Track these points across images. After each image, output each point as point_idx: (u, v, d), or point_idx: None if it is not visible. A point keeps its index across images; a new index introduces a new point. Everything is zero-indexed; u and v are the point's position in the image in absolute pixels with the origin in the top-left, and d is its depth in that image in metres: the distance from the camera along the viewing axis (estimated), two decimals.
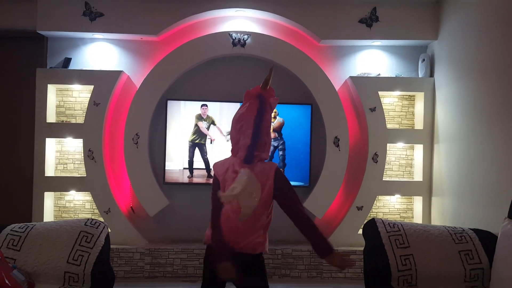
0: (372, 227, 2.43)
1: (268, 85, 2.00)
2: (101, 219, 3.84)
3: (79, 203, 3.97)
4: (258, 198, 1.87)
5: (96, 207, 3.85)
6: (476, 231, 2.41)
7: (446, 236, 2.36)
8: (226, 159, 2.03)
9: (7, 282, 1.90)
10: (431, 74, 3.97)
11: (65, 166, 3.98)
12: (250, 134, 1.92)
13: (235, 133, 1.98)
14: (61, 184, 3.80)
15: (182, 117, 3.92)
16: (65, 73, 3.80)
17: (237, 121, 1.98)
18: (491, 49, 3.02)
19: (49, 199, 3.85)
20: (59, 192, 3.93)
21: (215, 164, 2.04)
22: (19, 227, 2.26)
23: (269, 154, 2.06)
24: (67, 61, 3.88)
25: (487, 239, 2.32)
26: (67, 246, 2.20)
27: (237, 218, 1.88)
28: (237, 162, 1.94)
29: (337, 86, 4.01)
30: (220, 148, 3.84)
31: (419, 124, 4.01)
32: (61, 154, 3.98)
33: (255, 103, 1.94)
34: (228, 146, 2.09)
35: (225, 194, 1.85)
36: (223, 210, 1.90)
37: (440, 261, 2.27)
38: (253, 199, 1.86)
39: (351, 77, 3.92)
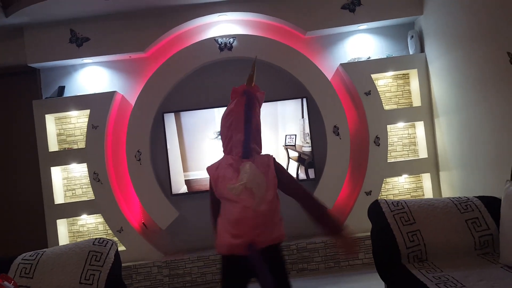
0: (376, 209, 2.44)
1: (253, 81, 2.00)
2: (116, 239, 3.90)
3: (92, 226, 4.03)
4: (264, 187, 1.86)
5: (108, 228, 3.90)
6: (481, 198, 2.39)
7: (451, 207, 2.35)
8: (218, 161, 2.00)
9: None
10: (422, 50, 3.94)
11: (73, 191, 4.05)
12: (242, 129, 1.90)
13: (226, 130, 1.96)
14: (72, 209, 3.87)
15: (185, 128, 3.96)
16: (61, 101, 3.87)
17: (227, 117, 1.96)
18: (477, 17, 2.99)
19: (62, 226, 3.92)
20: (72, 218, 3.99)
21: (208, 168, 2.01)
22: (30, 255, 2.32)
23: (261, 149, 2.04)
24: (61, 89, 3.96)
25: (493, 205, 2.30)
26: (78, 268, 2.25)
27: (251, 209, 1.83)
28: (235, 159, 1.91)
29: (329, 76, 4.01)
30: None
31: (416, 101, 3.98)
32: (68, 181, 4.05)
33: (242, 99, 1.93)
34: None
35: (234, 186, 1.84)
36: (235, 209, 1.85)
37: (448, 233, 2.26)
38: (261, 188, 1.85)
39: (341, 64, 3.92)
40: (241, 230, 1.85)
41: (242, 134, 1.91)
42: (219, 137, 2.07)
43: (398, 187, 4.09)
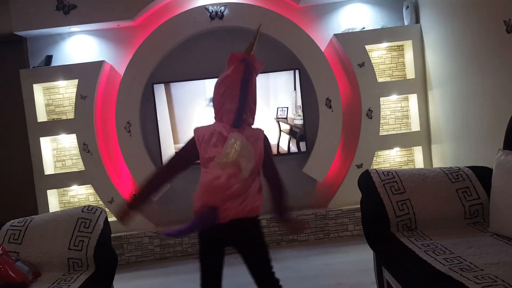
0: (366, 178, 2.42)
1: (253, 49, 1.91)
2: (107, 210, 3.90)
3: (82, 197, 4.03)
4: (253, 159, 1.81)
5: (99, 199, 3.89)
6: (473, 168, 2.38)
7: (442, 176, 2.34)
8: (209, 125, 1.91)
9: (11, 274, 1.94)
10: (417, 21, 3.86)
11: (63, 162, 4.02)
12: (237, 97, 1.82)
13: (219, 97, 1.87)
14: (62, 180, 3.84)
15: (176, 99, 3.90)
16: (48, 71, 3.79)
17: (221, 84, 1.87)
18: None
19: (52, 197, 3.91)
20: (62, 189, 3.97)
21: (197, 129, 1.90)
22: (19, 222, 2.32)
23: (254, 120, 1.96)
24: (49, 58, 3.87)
25: (484, 174, 2.29)
26: (67, 234, 2.25)
27: (236, 182, 1.78)
28: (225, 127, 1.84)
29: (322, 47, 3.94)
30: None
31: (410, 73, 3.94)
32: (58, 152, 4.02)
33: (240, 66, 1.84)
34: None
35: (222, 160, 1.78)
36: (213, 177, 1.78)
37: (438, 202, 2.25)
38: (250, 162, 1.80)
39: (335, 34, 3.84)
40: (215, 197, 1.78)
41: (236, 102, 1.83)
42: (211, 104, 1.99)
43: (390, 160, 4.10)
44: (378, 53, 4.03)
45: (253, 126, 1.94)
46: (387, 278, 2.26)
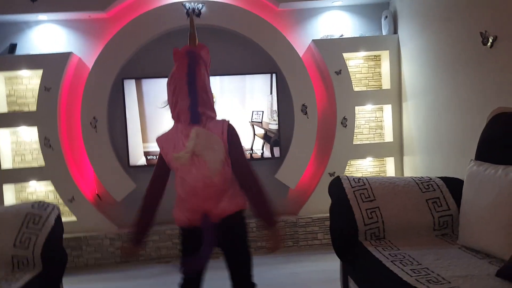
0: (337, 184, 2.37)
1: (196, 39, 1.85)
2: (66, 208, 3.70)
3: (42, 194, 3.81)
4: (221, 150, 1.72)
5: (59, 197, 3.69)
6: (444, 178, 2.35)
7: (412, 186, 2.30)
8: (169, 131, 1.85)
9: None
10: (395, 31, 3.87)
11: (22, 157, 3.80)
12: (186, 93, 1.75)
13: (171, 96, 1.80)
14: (20, 175, 3.63)
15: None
16: (11, 59, 3.59)
17: (170, 82, 1.80)
18: None
19: (9, 192, 3.68)
20: (20, 184, 3.76)
21: (158, 138, 1.85)
22: None
23: (215, 112, 1.87)
24: (13, 47, 3.67)
25: (455, 186, 2.26)
26: (13, 230, 2.09)
27: (209, 181, 1.70)
28: (184, 127, 1.77)
29: (300, 52, 3.89)
30: None
31: (386, 84, 3.93)
32: (17, 145, 3.80)
33: (184, 61, 1.77)
34: None
35: (179, 154, 1.71)
36: (187, 180, 1.72)
37: (407, 211, 2.21)
38: (217, 152, 1.72)
39: (314, 40, 3.80)
40: (194, 202, 1.74)
41: (187, 99, 1.75)
42: (167, 106, 1.89)
43: (362, 170, 4.06)
44: (355, 62, 4.01)
45: (218, 118, 1.84)
46: None
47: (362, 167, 4.07)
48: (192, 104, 1.75)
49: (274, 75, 3.84)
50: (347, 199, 2.25)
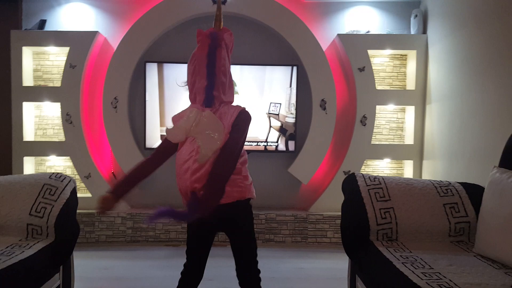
0: (351, 181, 2.30)
1: (221, 22, 1.83)
2: (83, 185, 3.79)
3: (60, 168, 3.91)
4: (220, 140, 1.68)
5: (76, 173, 3.78)
6: (464, 184, 2.25)
7: (430, 189, 2.22)
8: (184, 110, 1.82)
9: None
10: (424, 31, 3.75)
11: (44, 131, 3.90)
12: (204, 74, 1.73)
13: (190, 77, 1.79)
14: (40, 148, 3.73)
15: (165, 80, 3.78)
16: (40, 35, 3.67)
17: (190, 62, 1.78)
18: (485, 0, 2.80)
19: (29, 164, 3.79)
20: (40, 158, 3.86)
21: (174, 117, 1.83)
22: None
23: (233, 97, 1.84)
24: (42, 22, 3.75)
25: (475, 192, 2.17)
26: (30, 199, 2.14)
27: (195, 160, 1.65)
28: (198, 108, 1.75)
29: (324, 46, 3.83)
30: None
31: (410, 84, 3.82)
32: (40, 120, 3.90)
33: (206, 41, 1.75)
34: None
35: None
36: (179, 157, 1.72)
37: (423, 214, 2.13)
38: (215, 140, 1.68)
39: (339, 35, 3.72)
40: (181, 181, 1.69)
41: (204, 80, 1.73)
42: (186, 87, 1.89)
43: (378, 171, 3.98)
44: (380, 59, 3.92)
45: (234, 104, 1.81)
46: None
47: (379, 168, 3.98)
48: (208, 86, 1.73)
49: (295, 68, 3.80)
50: (361, 197, 2.19)
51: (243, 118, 1.73)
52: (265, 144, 3.83)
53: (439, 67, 3.52)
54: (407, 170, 3.89)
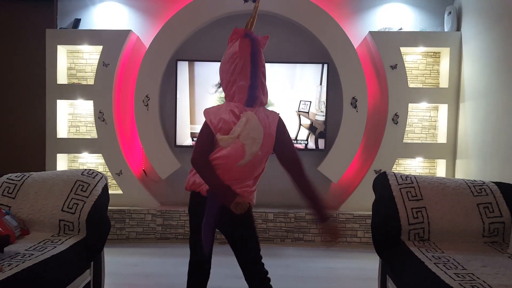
0: (382, 180, 2.29)
1: (253, 24, 1.81)
2: (114, 182, 3.85)
3: (92, 165, 3.98)
4: (260, 143, 1.70)
5: (108, 170, 3.84)
6: (498, 184, 2.22)
7: (463, 188, 2.19)
8: (220, 105, 1.81)
9: None
10: (458, 28, 3.66)
11: (77, 128, 3.98)
12: (248, 73, 1.72)
13: (229, 76, 1.77)
14: (73, 145, 3.81)
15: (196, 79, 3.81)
16: (74, 34, 3.75)
17: (229, 61, 1.77)
18: None
19: (62, 161, 3.88)
20: (73, 155, 3.95)
21: (206, 110, 1.80)
22: (16, 176, 2.26)
23: (267, 100, 1.85)
24: (77, 21, 3.84)
25: (510, 192, 2.13)
26: (62, 195, 2.18)
27: (236, 163, 1.69)
28: (237, 107, 1.74)
29: (355, 43, 3.78)
30: None
31: (444, 82, 3.73)
32: (73, 117, 3.99)
33: (246, 41, 1.74)
34: None
35: (224, 137, 1.69)
36: (220, 155, 1.71)
37: (456, 214, 2.11)
38: (256, 144, 1.69)
39: (370, 32, 3.67)
40: (233, 178, 1.72)
41: (247, 79, 1.73)
42: (220, 89, 1.88)
43: (410, 170, 3.90)
44: (412, 57, 3.84)
45: (268, 108, 1.83)
46: None
47: (411, 167, 3.91)
48: (252, 86, 1.73)
49: (325, 66, 3.76)
50: (392, 196, 2.18)
51: (285, 128, 1.80)
52: (295, 142, 3.81)
53: (473, 64, 3.43)
54: (440, 170, 3.81)
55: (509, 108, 2.85)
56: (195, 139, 3.82)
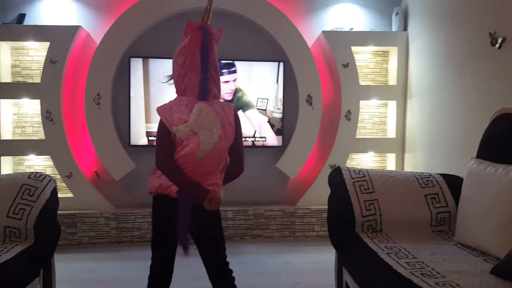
0: (337, 175, 2.36)
1: (209, 18, 1.82)
2: (63, 184, 3.69)
3: (39, 168, 3.79)
4: (218, 134, 1.71)
5: (57, 172, 3.67)
6: (444, 175, 2.35)
7: (412, 180, 2.30)
8: (171, 102, 1.79)
9: None
10: (405, 28, 3.84)
11: (23, 129, 3.77)
12: (198, 67, 1.73)
13: (179, 69, 1.76)
14: (19, 147, 3.60)
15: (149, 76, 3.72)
16: (19, 29, 3.55)
17: (180, 54, 1.76)
18: None
19: (7, 164, 3.66)
20: (18, 157, 3.73)
21: (159, 108, 1.78)
22: None
23: (220, 93, 1.86)
24: (22, 17, 3.63)
25: (455, 183, 2.26)
26: (7, 200, 2.06)
27: (199, 158, 1.69)
28: (190, 100, 1.73)
29: (310, 42, 3.86)
30: None
31: (392, 80, 3.91)
32: (19, 117, 3.77)
33: (198, 34, 1.74)
34: None
35: (180, 127, 1.67)
36: (183, 153, 1.69)
37: (406, 205, 2.20)
38: (213, 135, 1.69)
39: (323, 31, 3.77)
40: (195, 173, 1.72)
41: (198, 73, 1.73)
42: (171, 80, 1.87)
43: (363, 164, 4.05)
44: (363, 56, 3.98)
45: (221, 100, 1.85)
46: (347, 280, 2.19)
47: (363, 162, 4.05)
48: (203, 79, 1.73)
49: (281, 64, 3.81)
50: (346, 190, 2.25)
51: (239, 121, 1.85)
52: (253, 139, 3.83)
53: (419, 63, 3.62)
54: (390, 163, 3.98)
55: (452, 104, 3.04)
56: (150, 138, 3.75)
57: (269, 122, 3.85)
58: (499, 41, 2.48)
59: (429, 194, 2.24)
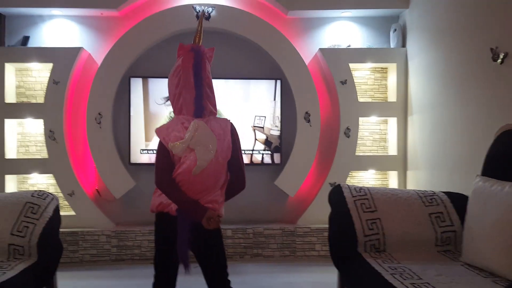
0: (337, 193, 2.30)
1: (201, 38, 1.89)
2: (66, 202, 3.72)
3: (42, 186, 3.83)
4: (214, 150, 1.73)
5: (60, 190, 3.71)
6: (448, 193, 2.27)
7: (415, 199, 2.23)
8: (170, 122, 1.85)
9: None
10: (403, 45, 3.85)
11: (27, 148, 3.84)
12: (192, 85, 1.77)
13: (175, 89, 1.82)
14: (23, 166, 3.67)
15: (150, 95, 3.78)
16: (23, 51, 3.66)
17: (174, 74, 1.83)
18: (462, 12, 2.91)
19: (11, 183, 3.71)
20: (22, 176, 3.79)
21: (157, 129, 1.83)
22: None
23: (216, 109, 1.90)
24: (26, 39, 3.74)
25: (459, 201, 2.19)
26: (11, 217, 2.10)
27: (196, 175, 1.71)
28: (187, 119, 1.77)
29: (307, 60, 3.89)
30: None
31: (392, 96, 3.90)
32: (23, 137, 3.84)
33: (190, 55, 1.81)
34: None
35: (176, 144, 1.70)
36: (181, 170, 1.72)
37: (409, 224, 2.13)
38: (209, 152, 1.72)
39: (320, 49, 3.80)
40: (192, 191, 1.74)
41: (192, 91, 1.78)
42: (167, 102, 1.91)
43: (364, 182, 4.02)
44: (361, 73, 4.00)
45: (218, 116, 1.88)
46: None
47: (364, 179, 4.02)
48: (198, 97, 1.78)
49: (278, 82, 3.85)
50: (347, 208, 2.18)
51: (236, 134, 1.87)
52: (251, 157, 3.84)
53: (419, 79, 3.61)
54: (392, 181, 3.94)
55: (454, 120, 3.01)
56: (150, 156, 3.78)
57: (267, 139, 3.86)
58: (501, 56, 2.45)
59: (433, 213, 2.17)
